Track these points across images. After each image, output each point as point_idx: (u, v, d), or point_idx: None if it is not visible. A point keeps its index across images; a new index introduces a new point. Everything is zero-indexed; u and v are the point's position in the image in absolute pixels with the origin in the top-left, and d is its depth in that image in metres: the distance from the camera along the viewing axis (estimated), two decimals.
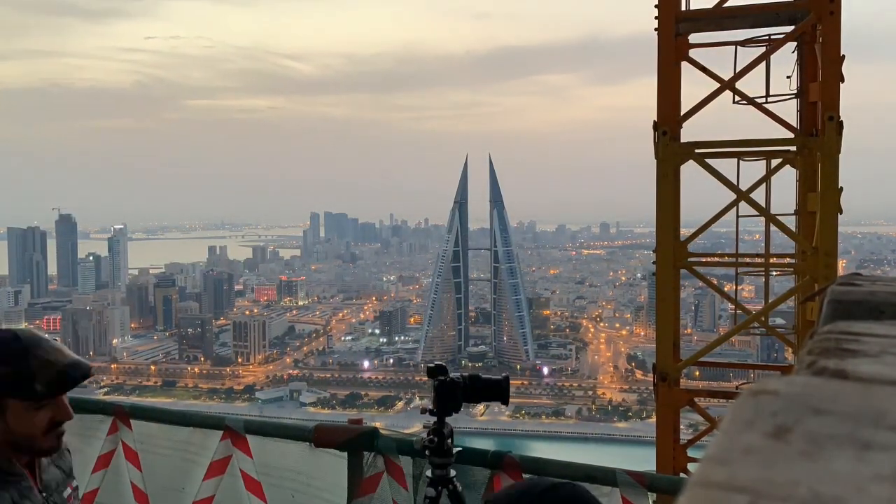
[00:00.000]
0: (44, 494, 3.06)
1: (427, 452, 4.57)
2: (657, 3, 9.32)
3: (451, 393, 4.45)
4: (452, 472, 4.59)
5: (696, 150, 9.44)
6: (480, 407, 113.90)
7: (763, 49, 9.68)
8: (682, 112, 9.45)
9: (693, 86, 9.97)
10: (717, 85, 9.50)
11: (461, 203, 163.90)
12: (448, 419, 4.61)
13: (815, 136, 9.12)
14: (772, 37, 9.72)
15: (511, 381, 4.54)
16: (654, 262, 9.63)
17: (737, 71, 9.61)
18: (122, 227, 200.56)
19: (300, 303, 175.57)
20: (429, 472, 4.58)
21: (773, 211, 9.85)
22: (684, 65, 9.52)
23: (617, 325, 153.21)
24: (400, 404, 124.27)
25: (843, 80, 8.85)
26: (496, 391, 4.54)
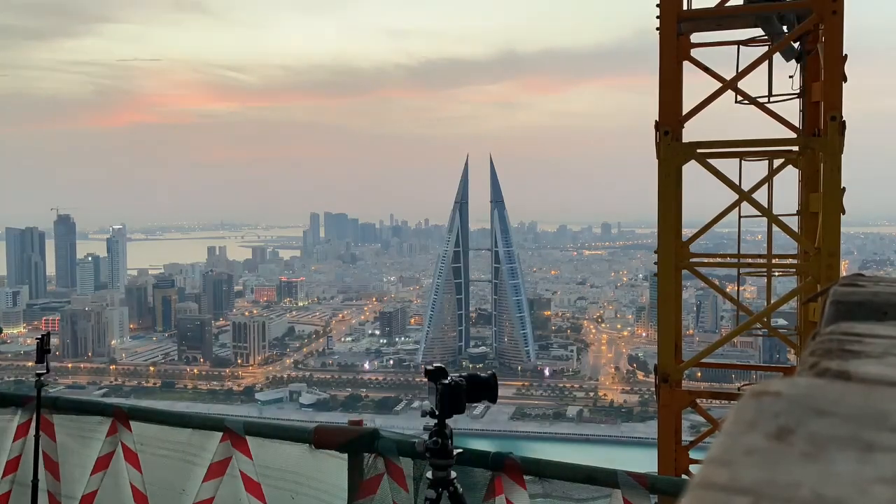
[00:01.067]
0: None
1: (428, 454, 4.54)
2: (659, 2, 9.29)
3: (456, 395, 4.43)
4: (453, 474, 4.56)
5: (698, 150, 9.40)
6: (480, 408, 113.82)
7: (765, 48, 9.65)
8: (684, 112, 9.41)
9: (695, 85, 9.94)
10: (719, 84, 9.47)
11: (462, 203, 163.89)
12: (448, 420, 4.58)
13: (818, 136, 9.09)
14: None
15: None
16: (655, 263, 9.60)
17: (739, 70, 9.58)
18: (120, 227, 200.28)
19: (300, 303, 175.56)
20: (429, 474, 4.55)
21: (775, 211, 9.81)
22: (686, 64, 9.49)
23: (618, 325, 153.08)
24: (400, 406, 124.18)
25: (845, 80, 8.82)
26: (486, 390, 4.54)
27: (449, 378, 4.47)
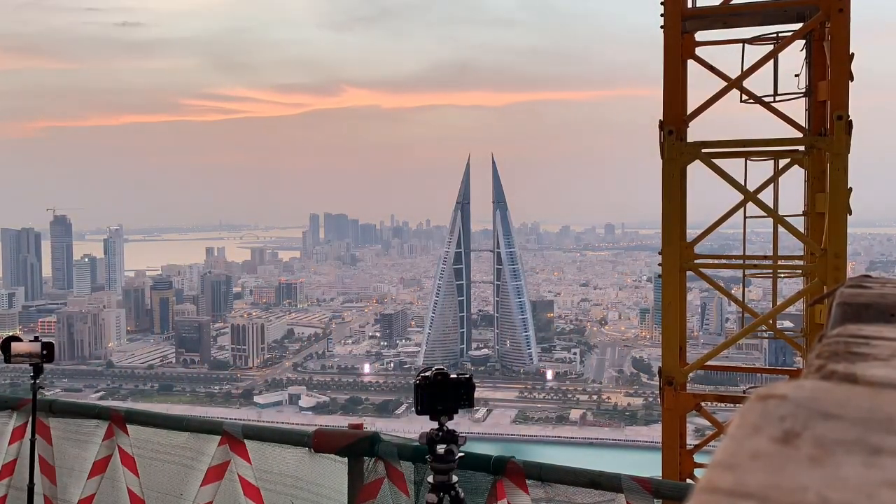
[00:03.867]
0: None
1: (429, 458, 4.47)
2: (663, 0, 9.22)
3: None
4: (454, 478, 4.48)
5: (703, 150, 9.33)
6: (482, 411, 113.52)
7: (771, 47, 9.58)
8: (689, 111, 9.34)
9: (700, 84, 9.86)
10: (724, 83, 9.40)
11: (463, 204, 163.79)
12: (450, 423, 4.51)
13: (824, 136, 9.01)
14: (780, 34, 9.62)
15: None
16: (659, 265, 9.52)
17: (744, 69, 9.51)
18: (117, 228, 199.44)
19: (299, 305, 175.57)
20: (430, 478, 4.47)
21: (781, 212, 9.74)
22: (691, 63, 9.42)
23: (622, 328, 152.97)
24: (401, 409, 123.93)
25: (852, 79, 8.75)
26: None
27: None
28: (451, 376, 4.45)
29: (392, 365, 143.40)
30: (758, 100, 9.62)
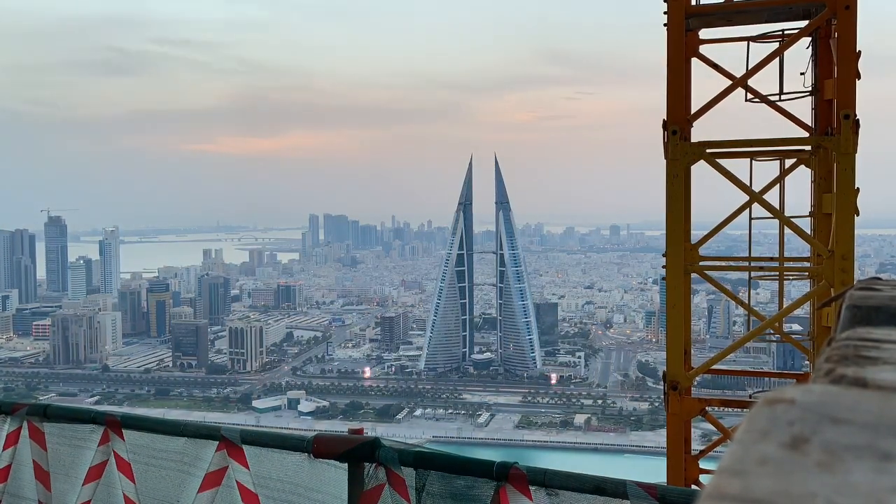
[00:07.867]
0: None
1: None
2: None
3: None
4: None
5: (708, 150, 9.24)
6: (485, 415, 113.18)
7: (776, 45, 9.49)
8: (693, 110, 9.25)
9: (704, 83, 9.76)
10: (729, 82, 9.30)
11: (465, 205, 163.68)
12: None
13: (831, 135, 8.92)
14: (785, 32, 9.54)
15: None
16: (664, 266, 9.42)
17: (749, 68, 9.42)
18: (113, 229, 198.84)
19: (299, 308, 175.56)
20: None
21: (787, 213, 9.65)
22: (695, 61, 9.32)
23: (627, 331, 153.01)
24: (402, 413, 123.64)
25: (859, 77, 8.66)
26: None
27: None
28: None
29: (393, 369, 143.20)
30: (763, 99, 9.54)
